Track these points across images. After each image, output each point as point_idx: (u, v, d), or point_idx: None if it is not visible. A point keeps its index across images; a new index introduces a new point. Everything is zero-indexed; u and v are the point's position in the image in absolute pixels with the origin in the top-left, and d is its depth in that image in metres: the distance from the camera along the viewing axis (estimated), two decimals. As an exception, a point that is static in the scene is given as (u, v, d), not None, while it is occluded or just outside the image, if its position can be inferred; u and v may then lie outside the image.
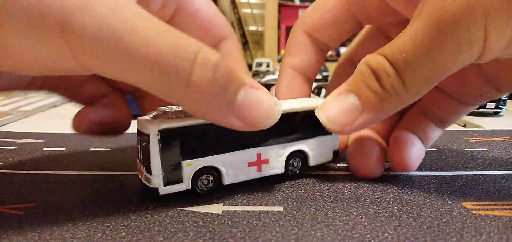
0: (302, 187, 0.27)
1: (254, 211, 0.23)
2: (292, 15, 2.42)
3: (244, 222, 0.22)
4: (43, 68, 0.19)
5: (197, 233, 0.21)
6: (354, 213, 0.23)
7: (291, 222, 0.22)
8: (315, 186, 0.27)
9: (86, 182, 0.29)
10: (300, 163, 0.28)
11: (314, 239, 0.20)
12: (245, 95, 0.21)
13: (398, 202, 0.25)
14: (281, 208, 0.24)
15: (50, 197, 0.26)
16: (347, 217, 0.22)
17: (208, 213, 0.23)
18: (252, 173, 0.26)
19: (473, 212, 0.23)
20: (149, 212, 0.23)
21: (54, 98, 0.74)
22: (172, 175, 0.24)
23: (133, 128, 0.28)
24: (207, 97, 0.19)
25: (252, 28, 2.42)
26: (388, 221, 0.22)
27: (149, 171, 0.24)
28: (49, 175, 0.30)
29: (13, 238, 0.20)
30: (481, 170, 0.31)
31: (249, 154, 0.26)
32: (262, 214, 0.23)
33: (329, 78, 0.98)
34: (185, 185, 0.24)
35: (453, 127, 0.48)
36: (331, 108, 0.24)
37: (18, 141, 0.42)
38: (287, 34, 2.42)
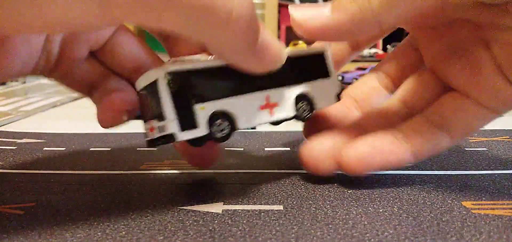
0: (302, 186, 0.27)
1: (254, 210, 0.23)
2: (292, 15, 2.41)
3: (244, 221, 0.22)
4: (71, 21, 0.18)
5: (197, 232, 0.21)
6: (354, 212, 0.23)
7: (291, 221, 0.22)
8: (315, 185, 0.27)
9: (86, 182, 0.29)
10: (308, 106, 0.28)
11: (314, 238, 0.20)
12: (262, 37, 0.21)
13: (398, 201, 0.25)
14: (281, 207, 0.24)
15: (50, 196, 0.26)
16: (347, 216, 0.22)
17: (208, 212, 0.23)
18: (265, 117, 0.25)
19: (473, 211, 0.23)
20: (149, 211, 0.23)
21: (54, 98, 0.74)
22: (187, 119, 0.22)
23: (132, 126, 0.28)
24: (242, 36, 0.20)
25: (252, 28, 2.41)
26: (388, 220, 0.22)
27: (162, 117, 0.22)
28: (49, 175, 0.30)
29: (13, 237, 0.20)
30: (481, 170, 0.31)
31: (259, 96, 0.25)
32: (262, 213, 0.23)
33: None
34: (202, 130, 0.23)
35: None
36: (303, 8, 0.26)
37: (18, 141, 0.42)
38: (287, 34, 2.42)
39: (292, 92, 0.27)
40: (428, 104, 0.28)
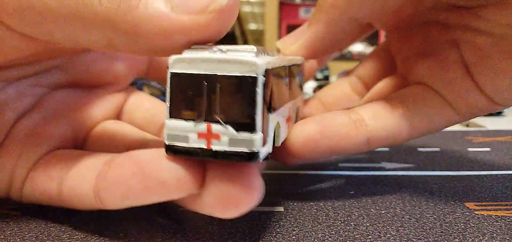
0: (303, 187, 0.27)
1: (254, 211, 0.23)
2: (293, 13, 2.41)
3: (244, 223, 0.22)
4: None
5: (197, 233, 0.20)
6: (356, 214, 0.23)
7: (292, 223, 0.22)
8: (316, 186, 0.27)
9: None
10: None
11: (315, 240, 0.20)
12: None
13: (400, 203, 0.24)
14: (281, 209, 0.23)
15: (48, 197, 0.25)
16: (349, 218, 0.22)
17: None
18: (284, 132, 0.21)
19: (476, 212, 0.23)
20: (148, 212, 0.23)
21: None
22: (267, 131, 0.17)
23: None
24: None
25: (252, 26, 2.42)
26: (390, 222, 0.22)
27: (244, 127, 0.16)
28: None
29: (10, 238, 0.20)
30: (484, 170, 0.31)
31: (287, 109, 0.22)
32: (263, 215, 0.23)
33: (330, 78, 0.98)
34: (269, 146, 0.18)
35: (456, 127, 0.48)
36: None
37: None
38: (288, 32, 2.42)
39: (296, 103, 0.24)
40: None
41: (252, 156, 0.16)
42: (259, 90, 0.16)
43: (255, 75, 0.16)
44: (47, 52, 0.22)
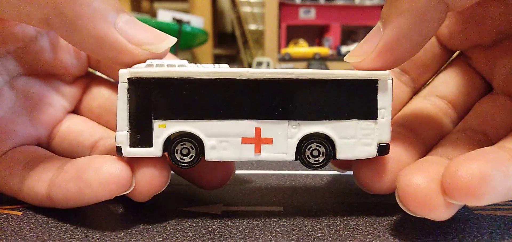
0: (303, 187, 0.27)
1: (254, 211, 0.23)
2: (293, 13, 2.42)
3: (244, 222, 0.22)
4: None
5: (197, 233, 0.20)
6: (356, 214, 0.23)
7: (292, 222, 0.22)
8: (315, 186, 0.27)
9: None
10: (323, 154, 0.21)
11: (315, 239, 0.20)
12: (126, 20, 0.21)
13: (399, 202, 0.24)
14: (281, 208, 0.24)
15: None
16: (348, 217, 0.22)
17: (207, 213, 0.23)
18: (247, 153, 0.20)
19: (475, 212, 0.23)
20: (148, 212, 0.23)
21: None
22: (140, 135, 0.20)
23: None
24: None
25: (252, 27, 2.42)
26: (390, 222, 0.22)
27: (116, 126, 0.20)
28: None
29: (11, 238, 0.20)
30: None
31: (245, 126, 0.20)
32: (262, 214, 0.23)
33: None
34: (155, 150, 0.20)
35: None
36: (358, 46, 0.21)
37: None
38: (287, 33, 2.42)
39: (301, 129, 0.21)
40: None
41: (119, 150, 0.20)
42: (121, 92, 0.20)
43: (124, 82, 0.20)
44: None
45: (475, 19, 0.24)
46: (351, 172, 0.29)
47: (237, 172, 0.30)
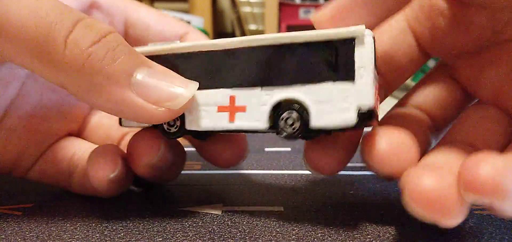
0: (303, 187, 0.27)
1: (254, 211, 0.23)
2: (293, 14, 2.41)
3: (244, 222, 0.22)
4: None
5: (197, 233, 0.20)
6: (356, 213, 0.23)
7: (292, 222, 0.22)
8: (315, 186, 0.27)
9: (85, 182, 0.29)
10: (297, 120, 0.19)
11: (315, 239, 0.20)
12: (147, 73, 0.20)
13: (400, 202, 0.24)
14: (281, 208, 0.24)
15: (49, 197, 0.26)
16: (349, 217, 0.22)
17: (207, 213, 0.23)
18: (222, 122, 0.20)
19: (475, 212, 0.23)
20: (148, 212, 0.23)
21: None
22: None
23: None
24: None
25: (252, 27, 2.42)
26: (390, 222, 0.22)
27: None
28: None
29: (11, 238, 0.20)
30: (483, 170, 0.31)
31: (221, 95, 0.20)
32: (262, 214, 0.23)
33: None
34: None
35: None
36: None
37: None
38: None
39: (273, 95, 0.19)
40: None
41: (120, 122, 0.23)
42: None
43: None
44: None
45: (459, 24, 0.22)
46: (351, 172, 0.30)
47: (237, 172, 0.30)
